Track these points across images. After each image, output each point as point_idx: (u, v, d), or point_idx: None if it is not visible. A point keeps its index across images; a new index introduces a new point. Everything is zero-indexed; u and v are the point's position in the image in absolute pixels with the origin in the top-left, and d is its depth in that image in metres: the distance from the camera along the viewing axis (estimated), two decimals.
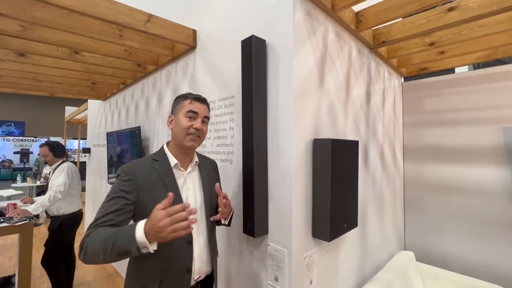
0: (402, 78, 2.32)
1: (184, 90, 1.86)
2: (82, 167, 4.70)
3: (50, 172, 2.60)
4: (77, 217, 2.54)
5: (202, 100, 1.06)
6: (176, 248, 0.98)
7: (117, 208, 0.89)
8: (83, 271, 3.06)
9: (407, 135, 2.26)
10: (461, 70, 2.26)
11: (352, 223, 1.30)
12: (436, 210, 2.09)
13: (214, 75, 1.58)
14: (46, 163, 2.65)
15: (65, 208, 2.42)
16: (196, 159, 1.13)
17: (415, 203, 2.20)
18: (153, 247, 0.75)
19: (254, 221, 1.14)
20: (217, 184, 1.03)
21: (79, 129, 6.96)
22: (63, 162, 2.55)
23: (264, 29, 1.24)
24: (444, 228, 2.04)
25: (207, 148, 1.61)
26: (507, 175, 1.77)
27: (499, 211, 1.80)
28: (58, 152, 2.58)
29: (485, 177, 1.86)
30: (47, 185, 2.50)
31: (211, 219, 1.05)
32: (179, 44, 1.81)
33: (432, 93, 2.13)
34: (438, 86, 2.11)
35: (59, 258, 2.43)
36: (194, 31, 1.75)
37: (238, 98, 1.37)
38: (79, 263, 3.25)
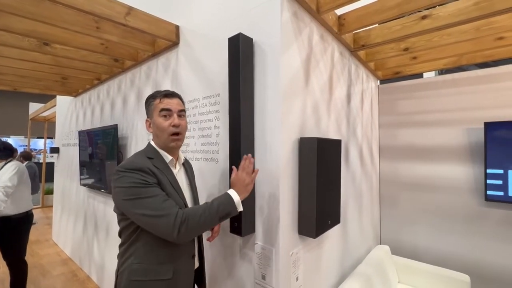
0: (378, 81, 2.44)
1: (166, 87, 1.80)
2: (49, 168, 4.35)
3: None
4: (30, 216, 2.42)
5: (171, 94, 1.04)
6: None
7: (159, 193, 0.90)
8: (52, 280, 2.84)
9: (382, 135, 2.39)
10: (428, 75, 2.44)
11: (335, 219, 1.34)
12: (408, 206, 2.22)
13: (198, 72, 1.54)
14: None
15: (19, 207, 2.29)
16: (182, 158, 1.13)
17: (390, 199, 2.33)
18: (239, 208, 0.96)
19: (241, 220, 1.14)
20: None
21: (45, 127, 6.44)
22: (8, 162, 2.34)
23: (250, 28, 1.23)
24: (416, 222, 2.18)
25: (190, 147, 1.57)
26: (470, 173, 1.94)
27: (465, 206, 1.96)
28: None
29: (452, 175, 2.01)
30: None
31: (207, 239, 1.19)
32: (161, 40, 1.75)
33: (404, 95, 2.27)
34: (410, 89, 2.25)
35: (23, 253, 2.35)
36: (177, 27, 1.70)
37: (223, 96, 1.35)
38: (46, 271, 3.01)
